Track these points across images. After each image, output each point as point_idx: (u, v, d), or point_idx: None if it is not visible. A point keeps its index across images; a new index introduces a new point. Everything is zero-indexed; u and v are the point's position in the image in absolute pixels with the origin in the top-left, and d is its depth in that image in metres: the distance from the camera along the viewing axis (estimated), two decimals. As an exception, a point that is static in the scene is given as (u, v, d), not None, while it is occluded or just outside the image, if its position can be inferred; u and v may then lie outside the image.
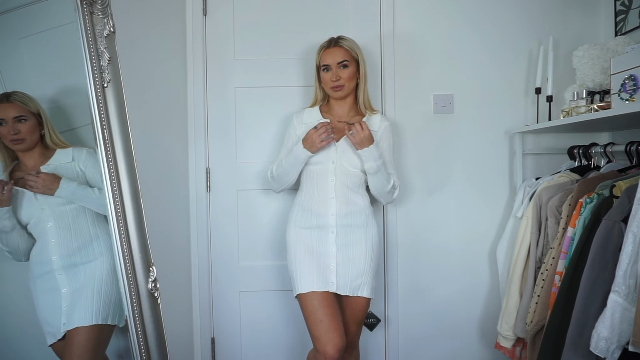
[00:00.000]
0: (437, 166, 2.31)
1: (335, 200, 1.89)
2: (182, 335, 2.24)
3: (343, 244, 1.88)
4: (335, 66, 1.88)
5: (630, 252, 1.30)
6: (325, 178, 1.89)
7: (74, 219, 1.43)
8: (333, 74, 1.88)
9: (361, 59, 1.93)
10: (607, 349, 1.32)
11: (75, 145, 1.45)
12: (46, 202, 1.40)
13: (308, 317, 1.83)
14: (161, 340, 1.43)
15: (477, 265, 2.32)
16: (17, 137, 1.37)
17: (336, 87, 1.89)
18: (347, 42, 1.92)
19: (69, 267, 1.42)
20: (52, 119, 1.42)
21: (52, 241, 1.41)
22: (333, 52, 1.89)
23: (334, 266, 1.86)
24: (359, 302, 1.90)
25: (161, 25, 2.10)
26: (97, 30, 1.35)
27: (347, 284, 1.86)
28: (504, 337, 1.98)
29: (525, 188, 2.10)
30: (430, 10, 2.29)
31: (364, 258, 1.88)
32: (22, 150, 1.41)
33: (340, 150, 1.89)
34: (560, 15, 2.28)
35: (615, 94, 1.57)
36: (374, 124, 1.94)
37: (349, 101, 1.96)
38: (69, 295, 1.41)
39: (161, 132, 2.06)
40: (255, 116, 2.31)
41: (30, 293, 1.42)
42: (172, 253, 2.14)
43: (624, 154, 1.76)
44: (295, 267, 1.89)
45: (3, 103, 1.34)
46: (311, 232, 1.90)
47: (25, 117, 1.36)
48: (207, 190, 2.33)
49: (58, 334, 1.40)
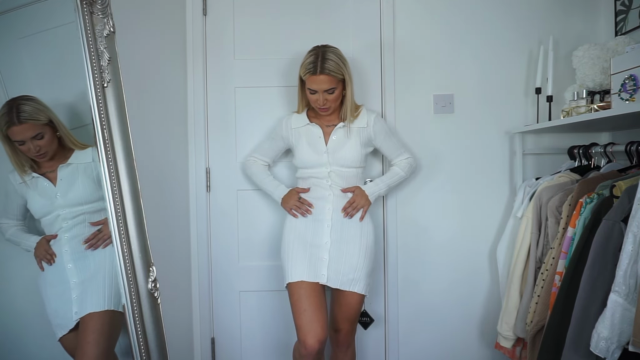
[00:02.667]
0: (437, 166, 2.31)
1: (333, 197, 1.94)
2: (182, 335, 2.24)
3: (337, 239, 1.91)
4: (322, 92, 1.87)
5: (630, 252, 1.30)
6: (321, 181, 1.96)
7: (90, 215, 1.44)
8: (320, 99, 1.87)
9: (347, 75, 1.89)
10: (607, 349, 1.32)
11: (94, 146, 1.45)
12: (64, 203, 1.42)
13: (293, 305, 1.86)
14: (161, 340, 1.43)
15: (477, 265, 2.32)
16: (40, 153, 1.38)
17: (323, 108, 1.91)
18: (333, 64, 1.83)
19: (79, 258, 1.43)
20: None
21: (66, 235, 1.42)
22: (319, 81, 1.83)
23: (327, 259, 1.89)
24: (352, 297, 1.91)
25: (161, 25, 2.10)
26: (97, 30, 1.35)
27: (338, 278, 1.88)
28: (504, 337, 1.98)
29: (525, 188, 2.10)
30: (430, 10, 2.29)
31: (357, 254, 1.90)
32: (47, 160, 1.43)
33: (331, 152, 1.93)
34: (560, 15, 2.27)
35: (616, 94, 1.57)
36: (361, 121, 1.97)
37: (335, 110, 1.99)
38: (79, 284, 1.42)
39: (161, 132, 2.06)
40: (255, 116, 2.31)
41: (38, 287, 1.43)
42: (172, 253, 2.14)
43: (624, 154, 1.75)
44: (287, 256, 1.93)
45: (15, 126, 1.33)
46: (307, 224, 1.94)
47: (42, 132, 1.37)
48: (207, 190, 2.33)
49: (69, 325, 1.41)
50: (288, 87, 2.28)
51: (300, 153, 1.97)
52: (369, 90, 2.29)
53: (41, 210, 1.43)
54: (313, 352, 1.79)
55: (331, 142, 1.95)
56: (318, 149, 1.95)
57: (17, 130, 1.33)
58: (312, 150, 1.95)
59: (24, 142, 1.35)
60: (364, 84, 2.28)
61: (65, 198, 1.42)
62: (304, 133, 1.98)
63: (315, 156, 1.94)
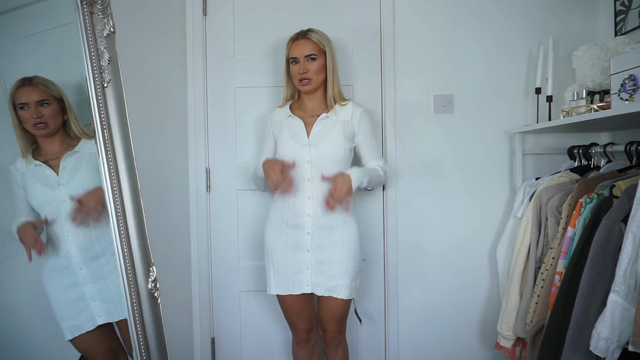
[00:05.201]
0: (437, 166, 2.31)
1: (312, 201, 1.86)
2: (182, 335, 2.25)
3: (318, 245, 1.86)
4: (303, 59, 1.86)
5: (630, 252, 1.30)
6: (302, 177, 1.87)
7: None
8: (301, 67, 1.86)
9: (329, 52, 1.88)
10: (607, 349, 1.32)
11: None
12: (66, 194, 1.38)
13: (282, 309, 1.98)
14: (161, 340, 1.43)
15: (477, 265, 2.32)
16: (40, 121, 1.35)
17: (304, 80, 1.86)
18: (316, 34, 1.88)
19: (90, 260, 1.41)
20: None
21: (70, 235, 1.40)
22: (301, 44, 1.86)
23: (309, 268, 1.86)
24: (336, 302, 1.88)
25: (161, 25, 2.10)
26: (97, 30, 1.35)
27: (321, 285, 1.86)
28: (504, 337, 1.98)
29: (525, 188, 2.10)
30: (430, 10, 2.29)
31: (339, 260, 1.85)
32: (45, 136, 1.39)
33: (313, 144, 1.87)
34: (560, 15, 2.28)
35: (615, 94, 1.57)
36: (346, 114, 1.91)
37: (319, 94, 1.94)
38: (96, 291, 1.41)
39: (161, 132, 2.06)
40: (255, 116, 2.31)
41: (44, 289, 1.41)
42: (172, 253, 2.14)
43: (624, 154, 1.76)
44: (269, 266, 1.92)
45: (25, 86, 1.32)
46: (287, 232, 1.89)
47: (48, 100, 1.35)
48: (207, 190, 2.33)
49: (87, 327, 1.41)
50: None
51: (282, 145, 1.92)
52: (369, 91, 2.29)
53: (40, 200, 1.39)
54: (303, 339, 2.01)
55: (313, 134, 1.88)
56: (300, 141, 1.88)
57: (25, 90, 1.31)
58: (294, 141, 1.88)
59: (27, 105, 1.32)
60: (364, 84, 2.29)
61: (67, 187, 1.39)
62: (286, 125, 1.93)
63: (296, 147, 1.87)
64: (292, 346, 2.07)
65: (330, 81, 1.90)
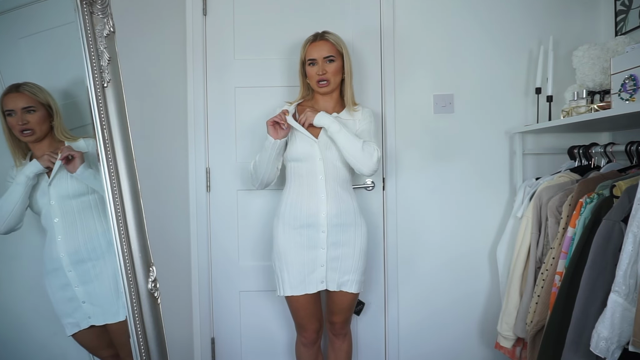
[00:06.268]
0: (437, 166, 2.31)
1: (327, 199, 1.87)
2: (182, 335, 2.24)
3: (333, 243, 1.87)
4: (322, 60, 1.87)
5: (630, 252, 1.30)
6: (315, 176, 1.87)
7: (79, 213, 1.43)
8: (319, 68, 1.87)
9: (346, 54, 1.92)
10: (607, 349, 1.32)
11: (84, 136, 1.45)
12: (55, 195, 1.40)
13: (291, 311, 1.98)
14: (161, 340, 1.43)
15: (477, 265, 2.32)
16: (25, 127, 1.36)
17: (322, 82, 1.88)
18: (333, 36, 1.91)
19: (77, 263, 1.42)
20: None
21: (59, 237, 1.41)
22: (319, 46, 1.88)
23: (324, 265, 1.87)
24: (346, 296, 1.92)
25: (161, 25, 2.10)
26: (97, 30, 1.35)
27: (334, 280, 1.88)
28: (504, 337, 1.98)
29: (525, 188, 2.10)
30: (430, 10, 2.29)
31: (352, 256, 1.89)
32: (32, 142, 1.40)
33: (323, 146, 1.87)
34: (560, 15, 2.28)
35: (616, 93, 1.57)
36: (356, 115, 1.95)
37: (334, 96, 1.96)
38: (84, 293, 1.42)
39: (161, 132, 2.06)
40: (255, 116, 2.30)
41: (44, 287, 1.43)
42: (172, 253, 2.14)
43: (624, 154, 1.76)
44: (282, 267, 1.89)
45: (12, 93, 1.33)
46: (301, 232, 1.88)
47: (34, 107, 1.36)
48: (207, 190, 2.33)
49: (82, 325, 1.43)
50: (288, 87, 2.28)
51: (292, 141, 1.90)
52: (369, 91, 2.29)
53: (38, 205, 1.41)
54: (311, 340, 1.99)
55: (323, 132, 1.87)
56: (310, 139, 1.87)
57: (11, 97, 1.33)
58: (305, 139, 1.87)
59: (13, 112, 1.33)
60: (365, 84, 2.29)
61: (56, 191, 1.41)
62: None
63: (307, 146, 1.87)
64: (296, 347, 2.05)
65: (347, 83, 1.92)
